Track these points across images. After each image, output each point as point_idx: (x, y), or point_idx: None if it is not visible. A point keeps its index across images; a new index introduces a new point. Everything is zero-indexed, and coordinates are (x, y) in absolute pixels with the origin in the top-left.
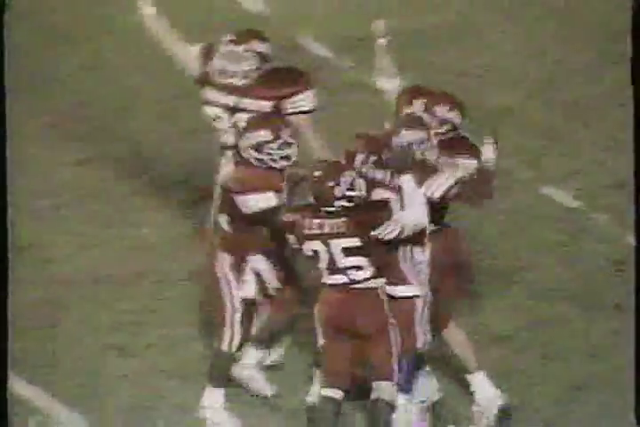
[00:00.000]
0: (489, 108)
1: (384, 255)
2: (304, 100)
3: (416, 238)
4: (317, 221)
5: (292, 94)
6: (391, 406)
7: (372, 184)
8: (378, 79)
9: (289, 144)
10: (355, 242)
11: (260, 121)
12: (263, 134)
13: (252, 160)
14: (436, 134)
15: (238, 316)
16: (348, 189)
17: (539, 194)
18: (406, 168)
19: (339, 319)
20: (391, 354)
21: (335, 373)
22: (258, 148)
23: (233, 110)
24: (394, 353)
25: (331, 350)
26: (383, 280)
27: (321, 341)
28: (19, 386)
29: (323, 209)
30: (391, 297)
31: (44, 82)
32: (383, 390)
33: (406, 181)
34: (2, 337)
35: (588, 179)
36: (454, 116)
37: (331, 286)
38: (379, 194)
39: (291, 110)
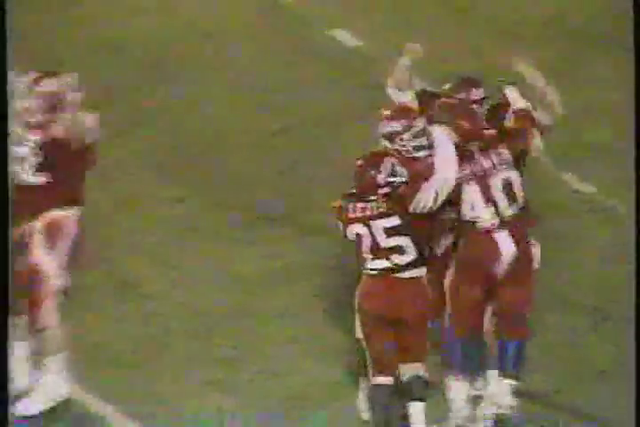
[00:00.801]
0: (589, 143)
1: (425, 235)
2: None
3: None
4: (361, 204)
5: None
6: (426, 382)
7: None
8: (391, 90)
9: (423, 133)
10: (395, 221)
11: (394, 112)
12: (393, 125)
13: (390, 151)
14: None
15: None
16: (389, 175)
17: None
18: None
19: (384, 309)
20: (426, 340)
21: (381, 360)
22: (389, 138)
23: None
24: (426, 339)
25: (372, 339)
26: (425, 269)
27: (360, 331)
28: (119, 420)
29: (365, 198)
30: None
31: (143, 120)
32: (415, 369)
33: (438, 132)
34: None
35: None
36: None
37: (374, 275)
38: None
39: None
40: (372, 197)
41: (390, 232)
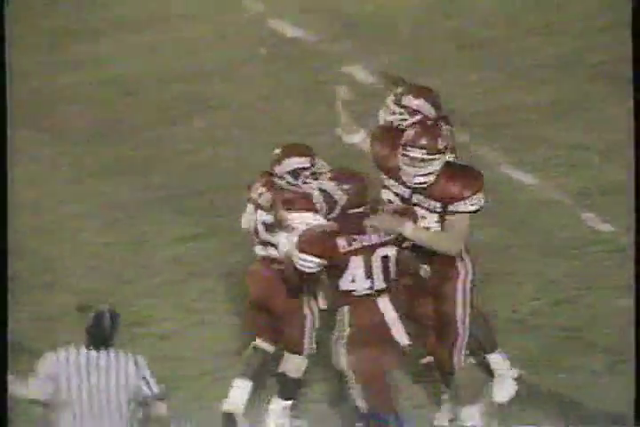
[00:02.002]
0: (608, 183)
1: None
2: None
3: None
4: (261, 189)
5: None
6: (296, 382)
7: None
8: (343, 135)
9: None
10: (270, 218)
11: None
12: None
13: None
14: (411, 125)
15: None
16: (289, 173)
17: None
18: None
19: (257, 294)
20: (304, 333)
21: (259, 330)
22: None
23: None
24: (306, 332)
25: (249, 315)
26: None
27: (247, 302)
28: None
29: (269, 181)
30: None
31: (154, 159)
32: (291, 361)
33: (282, 237)
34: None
35: None
36: (421, 104)
37: (258, 260)
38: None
39: None
40: (274, 182)
41: (266, 227)
